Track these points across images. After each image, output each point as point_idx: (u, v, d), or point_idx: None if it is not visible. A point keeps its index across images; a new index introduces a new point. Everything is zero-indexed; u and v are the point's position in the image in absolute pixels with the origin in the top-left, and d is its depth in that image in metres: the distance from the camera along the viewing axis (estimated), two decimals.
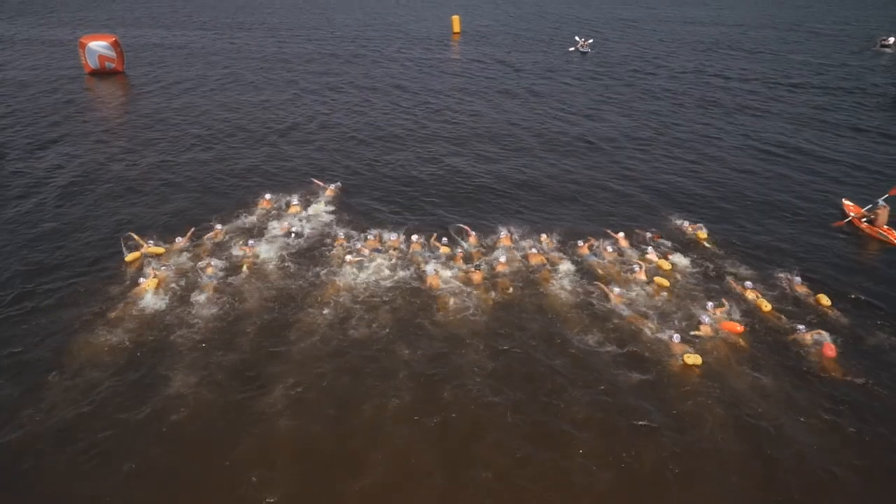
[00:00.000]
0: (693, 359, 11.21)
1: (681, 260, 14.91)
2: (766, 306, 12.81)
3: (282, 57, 41.08)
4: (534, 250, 15.02)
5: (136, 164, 21.40)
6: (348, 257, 14.59)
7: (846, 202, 17.84)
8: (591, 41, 44.83)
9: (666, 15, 72.55)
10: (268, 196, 18.26)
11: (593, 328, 12.46)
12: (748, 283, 13.69)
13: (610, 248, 15.31)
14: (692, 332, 12.12)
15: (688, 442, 9.75)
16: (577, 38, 45.80)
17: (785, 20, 70.01)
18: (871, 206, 16.81)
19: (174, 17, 61.45)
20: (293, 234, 15.89)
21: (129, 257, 14.91)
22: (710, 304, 12.94)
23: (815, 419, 10.11)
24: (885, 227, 16.24)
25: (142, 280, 13.68)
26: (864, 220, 16.75)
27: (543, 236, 15.83)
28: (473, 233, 15.96)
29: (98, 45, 33.78)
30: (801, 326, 12.08)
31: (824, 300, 12.88)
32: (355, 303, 13.20)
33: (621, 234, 15.92)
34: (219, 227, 16.36)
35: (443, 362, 11.48)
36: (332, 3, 77.45)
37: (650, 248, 15.21)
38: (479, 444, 9.68)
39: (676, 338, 11.82)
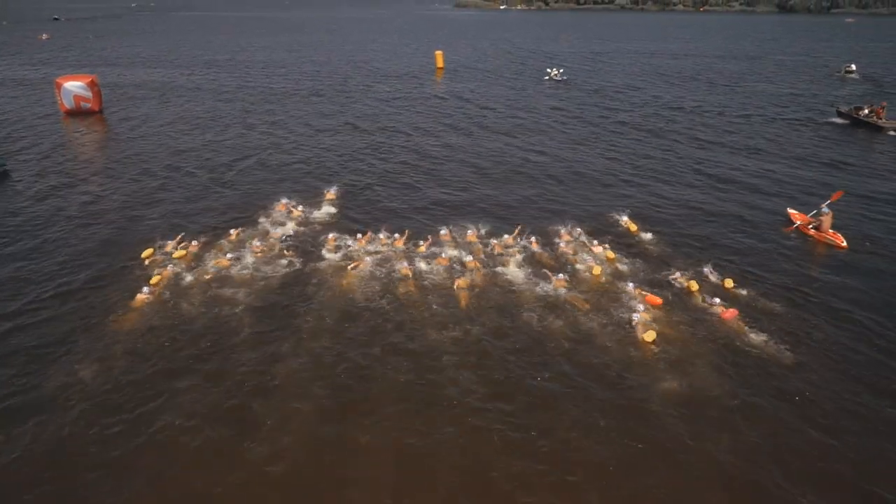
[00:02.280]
0: (649, 335, 12.18)
1: (619, 250, 16.17)
2: (694, 286, 14.17)
3: (264, 94, 41.34)
4: (494, 241, 16.56)
5: (134, 190, 21.53)
6: (361, 258, 15.40)
7: (791, 211, 18.43)
8: (561, 70, 49.70)
9: (635, 48, 74.80)
10: (284, 200, 19.47)
11: (551, 316, 13.11)
12: (678, 272, 14.96)
13: (562, 243, 16.52)
14: (636, 316, 12.86)
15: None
16: (548, 70, 49.40)
17: (753, 52, 72.41)
18: (815, 213, 17.55)
19: (155, 56, 62.26)
20: (288, 238, 16.85)
21: (145, 253, 15.77)
22: (630, 284, 14.09)
23: (727, 369, 11.51)
24: (831, 231, 16.78)
25: (146, 289, 13.88)
26: (811, 226, 17.33)
27: (506, 236, 16.97)
28: (446, 231, 17.22)
29: (73, 86, 34.00)
30: (716, 299, 13.58)
31: (729, 283, 14.43)
32: (346, 314, 13.14)
33: (564, 229, 17.43)
34: (233, 230, 17.21)
35: (429, 382, 11.08)
36: (317, 40, 79.81)
37: (594, 241, 16.48)
38: (472, 472, 9.19)
39: (636, 317, 12.80)
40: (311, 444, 9.66)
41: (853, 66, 53.12)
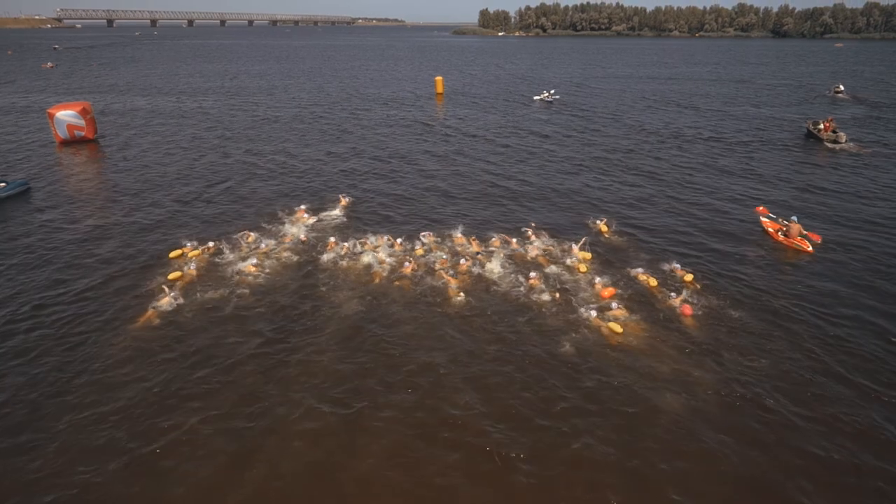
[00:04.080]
0: (615, 327, 12.97)
1: (590, 251, 16.99)
2: (653, 282, 15.05)
3: (259, 119, 41.53)
4: (479, 244, 17.72)
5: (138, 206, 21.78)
6: (382, 254, 16.48)
7: (763, 219, 19.34)
8: (552, 91, 52.03)
9: (628, 73, 76.08)
10: (302, 206, 20.67)
11: (532, 316, 13.63)
12: (641, 270, 15.77)
13: (535, 243, 17.58)
14: (607, 312, 13.50)
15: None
16: (535, 98, 51.06)
17: (747, 75, 73.60)
18: (785, 222, 18.58)
19: (149, 82, 63.13)
20: (303, 239, 17.87)
21: (172, 254, 16.60)
22: (597, 279, 14.97)
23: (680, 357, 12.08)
24: (798, 237, 17.56)
25: (168, 292, 14.26)
26: (781, 233, 18.02)
27: (493, 238, 18.00)
28: (430, 233, 18.41)
29: (66, 115, 32.66)
30: (672, 294, 14.46)
31: (688, 278, 15.25)
32: (349, 327, 13.26)
33: (543, 232, 18.37)
34: (250, 232, 18.09)
35: (430, 404, 10.92)
36: (318, 67, 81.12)
37: (572, 244, 17.24)
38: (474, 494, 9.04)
39: (593, 313, 13.49)
40: (311, 466, 9.52)
41: (842, 87, 54.17)
